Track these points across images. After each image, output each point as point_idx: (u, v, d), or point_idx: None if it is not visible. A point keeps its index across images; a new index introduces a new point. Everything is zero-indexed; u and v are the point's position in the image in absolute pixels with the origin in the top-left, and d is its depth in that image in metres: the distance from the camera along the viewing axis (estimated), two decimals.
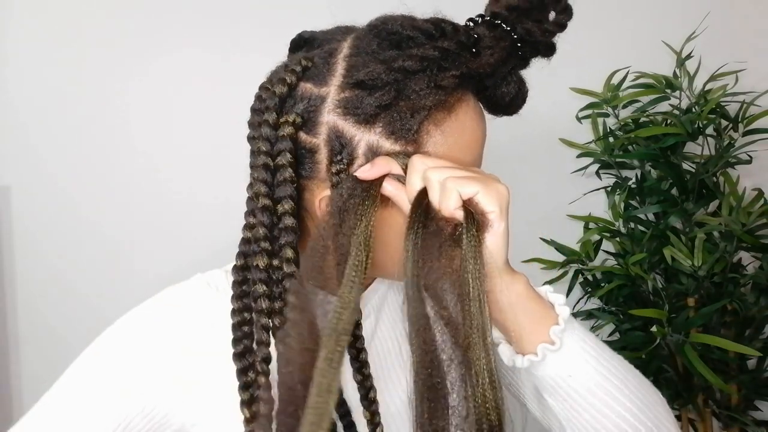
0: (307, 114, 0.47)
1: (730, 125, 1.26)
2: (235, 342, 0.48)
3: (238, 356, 0.48)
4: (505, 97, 0.50)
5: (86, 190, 1.30)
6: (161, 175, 1.33)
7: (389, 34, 0.47)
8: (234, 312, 0.49)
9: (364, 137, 0.47)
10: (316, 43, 0.51)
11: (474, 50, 0.47)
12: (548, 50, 0.49)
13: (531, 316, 0.47)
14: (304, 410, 0.40)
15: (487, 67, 0.47)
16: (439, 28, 0.47)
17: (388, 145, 0.47)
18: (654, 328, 1.16)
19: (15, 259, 1.30)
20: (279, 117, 0.47)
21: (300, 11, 1.23)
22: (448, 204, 0.45)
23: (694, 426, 1.32)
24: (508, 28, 0.47)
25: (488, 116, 0.54)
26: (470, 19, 0.49)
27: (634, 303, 1.31)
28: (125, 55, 1.29)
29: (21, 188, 1.28)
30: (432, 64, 0.45)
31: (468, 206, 0.45)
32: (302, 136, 0.47)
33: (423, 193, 0.46)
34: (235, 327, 0.49)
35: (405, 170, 0.47)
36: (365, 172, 0.46)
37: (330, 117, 0.46)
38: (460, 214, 0.45)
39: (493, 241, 0.45)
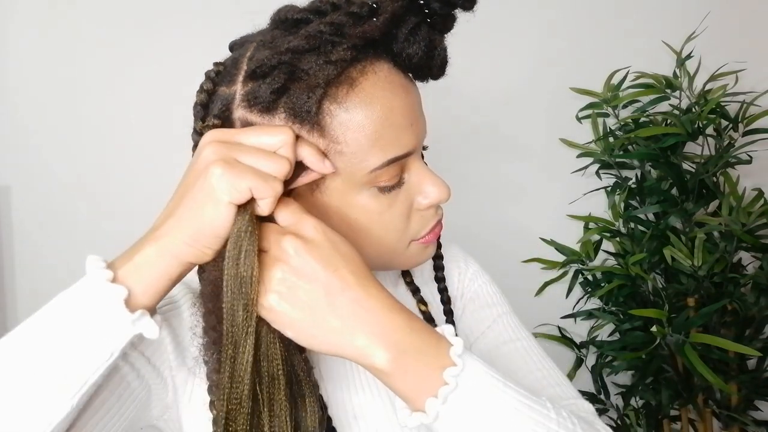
0: (222, 114, 0.47)
1: (730, 125, 1.26)
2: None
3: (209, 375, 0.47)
4: (413, 58, 0.47)
5: (86, 190, 1.29)
6: (161, 175, 1.33)
7: (282, 22, 0.48)
8: (205, 330, 0.48)
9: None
10: (235, 49, 0.52)
11: (374, 19, 0.45)
12: (466, 1, 0.46)
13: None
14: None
15: (375, 32, 0.45)
16: (330, 3, 0.46)
17: (294, 130, 0.45)
18: (654, 328, 1.16)
19: (15, 259, 1.30)
20: (203, 123, 0.48)
21: None
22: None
23: (694, 426, 1.32)
24: None
25: (486, 116, 0.53)
26: None
27: (634, 303, 1.31)
28: (126, 55, 1.29)
29: (21, 188, 1.28)
30: (321, 40, 0.44)
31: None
32: None
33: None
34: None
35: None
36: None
37: (239, 112, 0.46)
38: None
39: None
